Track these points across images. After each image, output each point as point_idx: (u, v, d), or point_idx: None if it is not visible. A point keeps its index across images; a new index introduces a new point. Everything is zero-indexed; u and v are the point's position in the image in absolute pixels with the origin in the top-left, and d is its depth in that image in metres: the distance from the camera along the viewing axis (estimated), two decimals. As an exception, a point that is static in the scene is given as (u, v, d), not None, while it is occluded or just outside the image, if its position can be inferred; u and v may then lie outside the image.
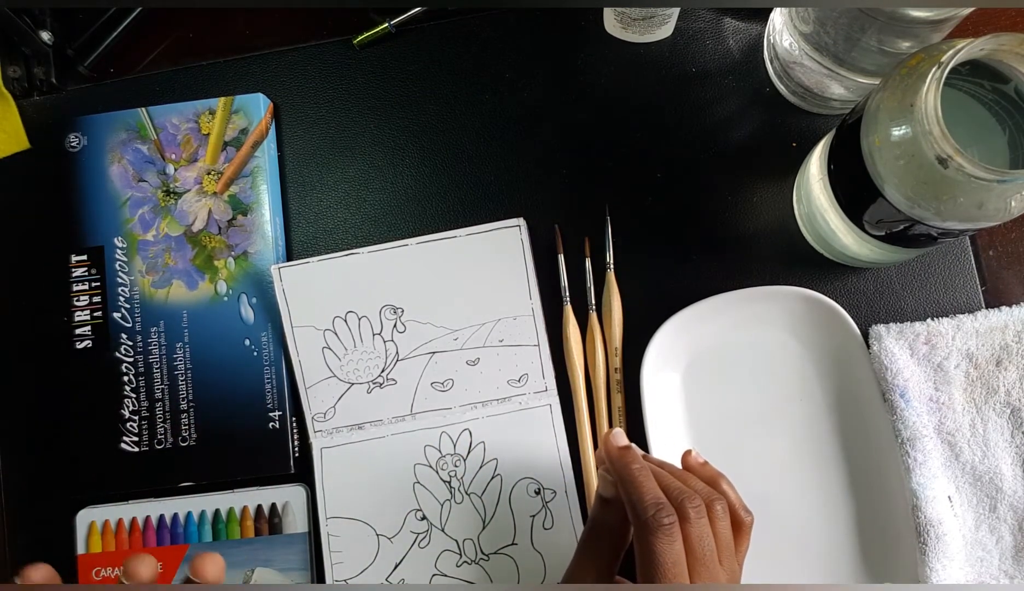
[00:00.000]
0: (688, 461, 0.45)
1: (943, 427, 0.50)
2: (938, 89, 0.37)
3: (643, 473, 0.41)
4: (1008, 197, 0.38)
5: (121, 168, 0.57)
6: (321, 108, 0.58)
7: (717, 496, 0.41)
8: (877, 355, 0.51)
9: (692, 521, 0.39)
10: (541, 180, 0.56)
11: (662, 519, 0.38)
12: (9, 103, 0.57)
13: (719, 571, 0.39)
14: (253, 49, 0.59)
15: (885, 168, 0.41)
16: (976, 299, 0.53)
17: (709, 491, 0.41)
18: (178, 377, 0.55)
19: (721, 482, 0.43)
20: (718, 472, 0.44)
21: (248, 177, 0.56)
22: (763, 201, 0.55)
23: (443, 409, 0.54)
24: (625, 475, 0.41)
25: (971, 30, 0.53)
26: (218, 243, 0.56)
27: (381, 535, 0.53)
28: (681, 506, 0.39)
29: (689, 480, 0.42)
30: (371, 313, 0.54)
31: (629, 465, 0.41)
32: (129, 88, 0.59)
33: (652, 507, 0.39)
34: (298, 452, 0.55)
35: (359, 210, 0.57)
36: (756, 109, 0.56)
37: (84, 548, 0.54)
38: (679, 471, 0.43)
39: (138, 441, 0.55)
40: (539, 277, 0.54)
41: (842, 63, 0.48)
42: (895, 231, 0.44)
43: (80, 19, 0.59)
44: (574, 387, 0.53)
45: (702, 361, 0.53)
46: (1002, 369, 0.51)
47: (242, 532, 0.54)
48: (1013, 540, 0.50)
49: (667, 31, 0.56)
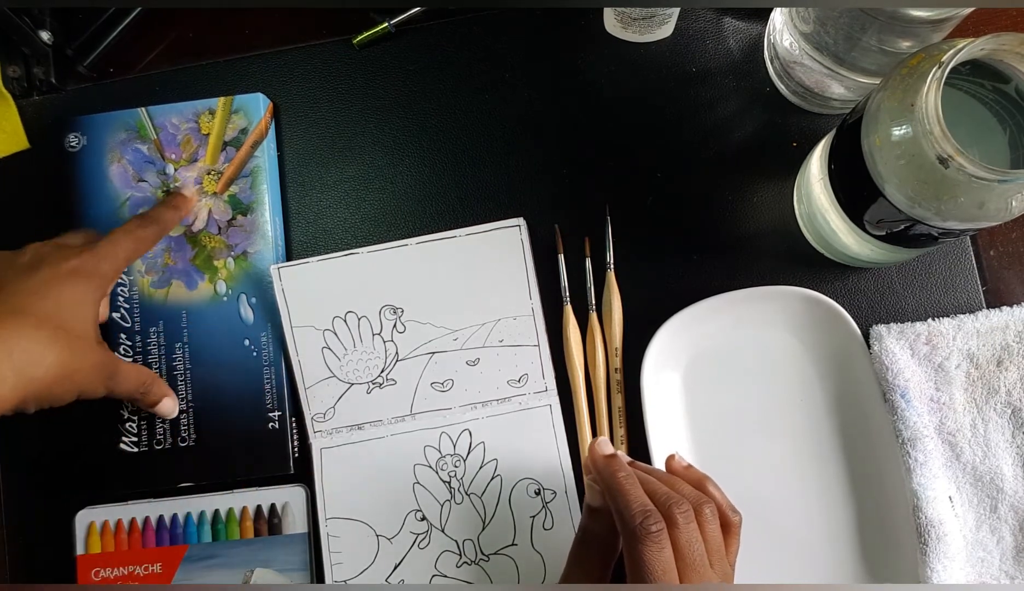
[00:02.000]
0: (672, 465, 0.44)
1: (944, 427, 0.50)
2: (939, 89, 0.37)
3: (629, 481, 0.41)
4: (1009, 197, 0.38)
5: (121, 168, 0.57)
6: (321, 108, 0.58)
7: (705, 499, 0.41)
8: (878, 355, 0.50)
9: (680, 526, 0.39)
10: (541, 180, 0.56)
11: (650, 526, 0.38)
12: (9, 103, 0.57)
13: (710, 574, 0.39)
14: (253, 49, 0.59)
15: (886, 168, 0.41)
16: (977, 299, 0.53)
17: (697, 494, 0.41)
18: (177, 377, 0.55)
19: (707, 484, 0.43)
20: (703, 474, 0.44)
21: (248, 177, 0.56)
22: (763, 201, 0.55)
23: (443, 409, 0.54)
24: (611, 484, 0.41)
25: (971, 30, 0.53)
26: (218, 243, 0.56)
27: (381, 535, 0.53)
28: (668, 512, 0.39)
29: (676, 484, 0.42)
30: (371, 313, 0.54)
31: (615, 474, 0.41)
32: (129, 88, 0.59)
33: (639, 515, 0.39)
34: (298, 452, 0.55)
35: (359, 210, 0.57)
36: (756, 109, 0.56)
37: (83, 548, 0.54)
38: (665, 476, 0.43)
39: (138, 441, 0.55)
40: (539, 277, 0.54)
41: (842, 63, 0.48)
42: (896, 231, 0.44)
43: (80, 19, 0.59)
44: (574, 387, 0.53)
45: (702, 361, 0.53)
46: (1003, 369, 0.51)
47: (242, 532, 0.54)
48: (1014, 540, 0.50)
49: (667, 31, 0.56)
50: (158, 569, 0.53)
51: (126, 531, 0.54)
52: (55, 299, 0.45)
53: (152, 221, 0.52)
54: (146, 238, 0.51)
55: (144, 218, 0.52)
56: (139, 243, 0.50)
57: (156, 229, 0.52)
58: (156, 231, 0.52)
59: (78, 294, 0.46)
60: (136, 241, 0.50)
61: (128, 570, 0.53)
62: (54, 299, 0.45)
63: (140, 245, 0.50)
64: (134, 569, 0.53)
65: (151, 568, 0.53)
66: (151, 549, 0.54)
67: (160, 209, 0.53)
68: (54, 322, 0.45)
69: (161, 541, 0.54)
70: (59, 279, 0.46)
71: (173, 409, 0.53)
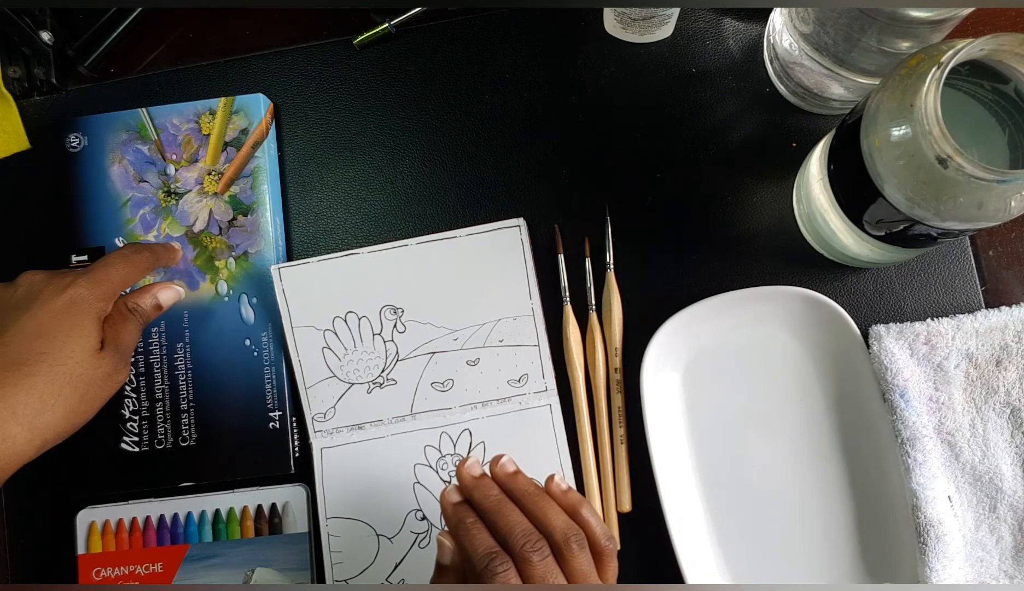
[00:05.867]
0: (551, 489, 0.43)
1: (943, 427, 0.51)
2: (938, 89, 0.37)
3: (475, 526, 0.40)
4: (1008, 197, 0.38)
5: (122, 168, 0.57)
6: (321, 108, 0.58)
7: (574, 530, 0.40)
8: (877, 355, 0.51)
9: (534, 564, 0.38)
10: (541, 180, 0.56)
11: (495, 568, 0.38)
12: (9, 103, 0.57)
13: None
14: (253, 49, 0.59)
15: (885, 168, 0.41)
16: (976, 299, 0.53)
17: (565, 524, 0.40)
18: (179, 377, 0.55)
19: (582, 510, 0.42)
20: (580, 499, 0.42)
21: (248, 177, 0.56)
22: (763, 201, 0.55)
23: (443, 409, 0.54)
24: (458, 529, 0.41)
25: (971, 30, 0.53)
26: (219, 243, 0.56)
27: (381, 535, 0.53)
28: (521, 552, 0.39)
29: (548, 512, 0.41)
30: (371, 313, 0.54)
31: (463, 520, 0.41)
32: (129, 88, 0.59)
33: (485, 558, 0.38)
34: (298, 452, 0.55)
35: (359, 210, 0.57)
36: (756, 109, 0.56)
37: (84, 548, 0.54)
38: (540, 501, 0.42)
39: (138, 441, 0.55)
40: (539, 277, 0.54)
41: (842, 63, 0.48)
42: (895, 231, 0.44)
43: (80, 19, 0.59)
44: (574, 387, 0.53)
45: (702, 361, 0.53)
46: (1002, 369, 0.51)
47: (242, 532, 0.54)
48: (1013, 540, 0.50)
49: (667, 31, 0.56)
50: (159, 569, 0.54)
51: (127, 531, 0.54)
52: (51, 338, 0.44)
53: (147, 248, 0.51)
54: (140, 263, 0.50)
55: (139, 245, 0.52)
56: (134, 268, 0.49)
57: (151, 256, 0.51)
58: (150, 258, 0.51)
59: (76, 327, 0.45)
60: (131, 266, 0.49)
61: (129, 570, 0.54)
62: (50, 339, 0.44)
63: (135, 270, 0.49)
64: (135, 569, 0.54)
65: (152, 568, 0.54)
66: (152, 549, 0.54)
67: (155, 244, 0.53)
68: (55, 362, 0.44)
69: (162, 541, 0.54)
70: (55, 316, 0.45)
71: (173, 296, 0.52)
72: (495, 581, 0.38)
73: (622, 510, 0.52)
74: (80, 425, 0.46)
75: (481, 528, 0.41)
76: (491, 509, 0.41)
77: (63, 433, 0.45)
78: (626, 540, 0.52)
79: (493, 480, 0.43)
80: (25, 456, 0.44)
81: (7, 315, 0.46)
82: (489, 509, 0.41)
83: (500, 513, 0.41)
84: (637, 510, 0.52)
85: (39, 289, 0.46)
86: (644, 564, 0.52)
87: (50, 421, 0.44)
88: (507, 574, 0.38)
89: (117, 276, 0.48)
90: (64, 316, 0.45)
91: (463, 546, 0.40)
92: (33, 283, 0.47)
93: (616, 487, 0.53)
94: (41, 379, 0.43)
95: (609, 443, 0.53)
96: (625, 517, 0.53)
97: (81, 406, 0.45)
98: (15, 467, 0.44)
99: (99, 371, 0.46)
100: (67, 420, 0.45)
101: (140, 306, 0.50)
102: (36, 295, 0.46)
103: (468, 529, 0.40)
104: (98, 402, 0.46)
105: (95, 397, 0.46)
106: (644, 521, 0.52)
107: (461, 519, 0.41)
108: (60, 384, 0.44)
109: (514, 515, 0.41)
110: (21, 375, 0.43)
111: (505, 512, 0.41)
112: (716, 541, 0.52)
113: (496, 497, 0.42)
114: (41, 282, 0.47)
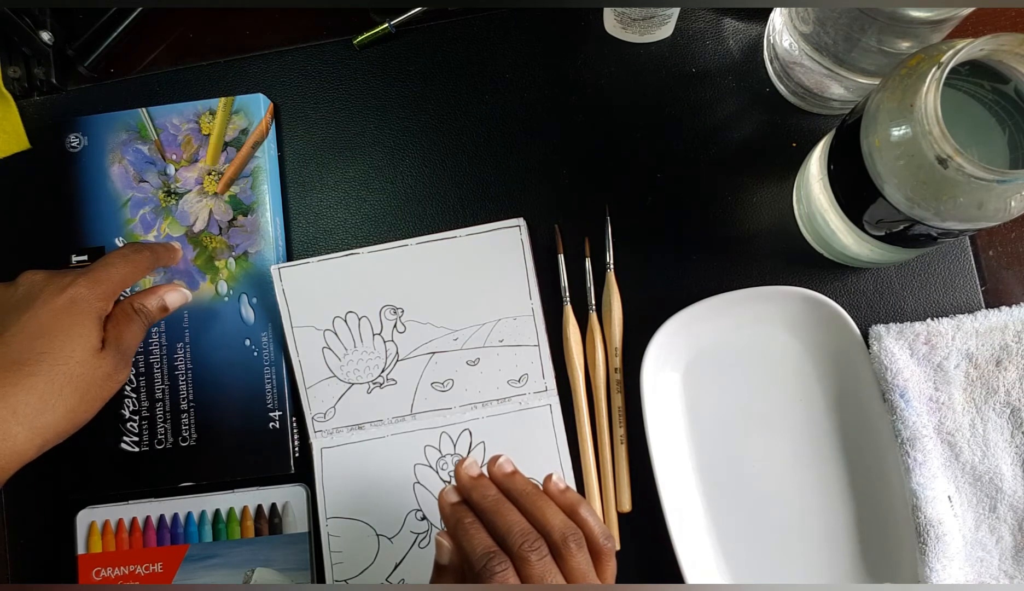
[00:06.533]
0: (549, 488, 0.43)
1: (943, 427, 0.51)
2: (938, 89, 0.37)
3: (474, 526, 0.40)
4: (1008, 197, 0.38)
5: (122, 168, 0.57)
6: (321, 108, 0.58)
7: (572, 530, 0.40)
8: (877, 355, 0.51)
9: (532, 563, 0.38)
10: (541, 180, 0.56)
11: (493, 567, 0.38)
12: (9, 103, 0.57)
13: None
14: (253, 49, 0.59)
15: (885, 168, 0.41)
16: (976, 299, 0.53)
17: (563, 523, 0.40)
18: (178, 377, 0.55)
19: (580, 509, 0.42)
20: (578, 498, 0.42)
21: (248, 177, 0.56)
22: (763, 201, 0.55)
23: (443, 409, 0.54)
24: (457, 529, 0.41)
25: (971, 30, 0.53)
26: (219, 243, 0.56)
27: (381, 535, 0.53)
28: (519, 551, 0.39)
29: (546, 512, 0.41)
30: (371, 313, 0.54)
31: (461, 520, 0.41)
32: (129, 88, 0.59)
33: (483, 557, 0.39)
34: (298, 452, 0.55)
35: (359, 210, 0.57)
36: (756, 109, 0.56)
37: (84, 548, 0.54)
38: (537, 501, 0.42)
39: (138, 441, 0.55)
40: (539, 277, 0.54)
41: (842, 63, 0.48)
42: (895, 231, 0.44)
43: (80, 19, 0.59)
44: (574, 387, 0.53)
45: (702, 361, 0.53)
46: (1002, 369, 0.51)
47: (242, 532, 0.54)
48: (1013, 540, 0.50)
49: (667, 31, 0.56)
50: (159, 569, 0.54)
51: (127, 531, 0.54)
52: (51, 338, 0.44)
53: (147, 248, 0.51)
54: (141, 263, 0.50)
55: (139, 245, 0.52)
56: (134, 267, 0.49)
57: (151, 256, 0.51)
58: (151, 258, 0.51)
59: (76, 327, 0.45)
60: (132, 265, 0.49)
61: (129, 570, 0.54)
62: (50, 338, 0.44)
63: (135, 270, 0.49)
64: (135, 569, 0.54)
65: (152, 568, 0.54)
66: (152, 549, 0.54)
67: (155, 244, 0.53)
68: (56, 362, 0.44)
69: (162, 541, 0.54)
70: (56, 315, 0.45)
71: (180, 298, 0.52)
72: (493, 581, 0.38)
73: (622, 510, 0.52)
74: (80, 425, 0.46)
75: (479, 528, 0.41)
76: (489, 509, 0.41)
77: (63, 433, 0.45)
78: (626, 540, 0.52)
79: (491, 480, 0.43)
80: (26, 456, 0.44)
81: (7, 315, 0.46)
82: (487, 509, 0.41)
83: (498, 513, 0.41)
84: (637, 510, 0.52)
85: (39, 289, 0.46)
86: (644, 564, 0.52)
87: (50, 421, 0.44)
88: (505, 574, 0.38)
89: (117, 276, 0.48)
90: (64, 316, 0.45)
91: (461, 546, 0.40)
92: (33, 283, 0.47)
93: (616, 487, 0.53)
94: (42, 379, 0.43)
95: (609, 443, 0.53)
96: (625, 517, 0.53)
97: (82, 406, 0.45)
98: (16, 467, 0.44)
99: (100, 371, 0.46)
100: (67, 420, 0.45)
101: (146, 307, 0.50)
102: (36, 295, 0.46)
103: (466, 529, 0.41)
104: (99, 402, 0.46)
105: (95, 397, 0.46)
106: (644, 521, 0.52)
107: (459, 519, 0.41)
108: (61, 384, 0.44)
109: (512, 515, 0.41)
110: (22, 375, 0.43)
111: (503, 512, 0.41)
112: (716, 541, 0.52)
113: (494, 497, 0.42)
114: (41, 282, 0.47)
